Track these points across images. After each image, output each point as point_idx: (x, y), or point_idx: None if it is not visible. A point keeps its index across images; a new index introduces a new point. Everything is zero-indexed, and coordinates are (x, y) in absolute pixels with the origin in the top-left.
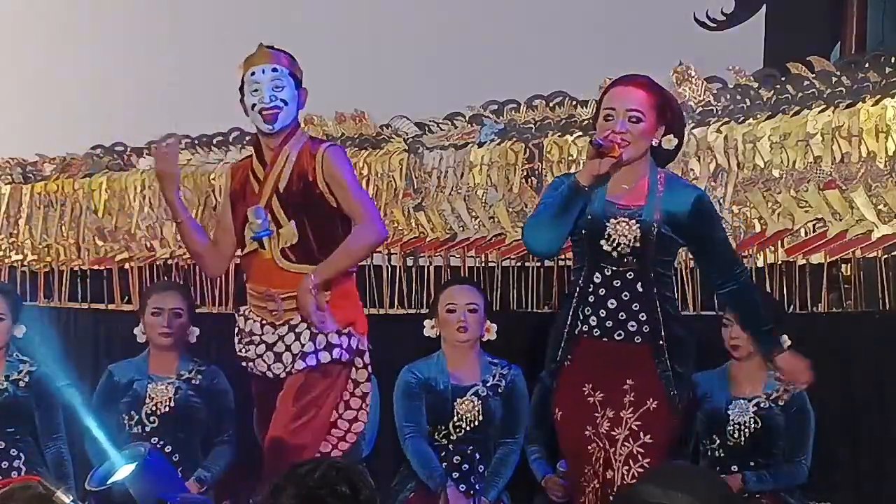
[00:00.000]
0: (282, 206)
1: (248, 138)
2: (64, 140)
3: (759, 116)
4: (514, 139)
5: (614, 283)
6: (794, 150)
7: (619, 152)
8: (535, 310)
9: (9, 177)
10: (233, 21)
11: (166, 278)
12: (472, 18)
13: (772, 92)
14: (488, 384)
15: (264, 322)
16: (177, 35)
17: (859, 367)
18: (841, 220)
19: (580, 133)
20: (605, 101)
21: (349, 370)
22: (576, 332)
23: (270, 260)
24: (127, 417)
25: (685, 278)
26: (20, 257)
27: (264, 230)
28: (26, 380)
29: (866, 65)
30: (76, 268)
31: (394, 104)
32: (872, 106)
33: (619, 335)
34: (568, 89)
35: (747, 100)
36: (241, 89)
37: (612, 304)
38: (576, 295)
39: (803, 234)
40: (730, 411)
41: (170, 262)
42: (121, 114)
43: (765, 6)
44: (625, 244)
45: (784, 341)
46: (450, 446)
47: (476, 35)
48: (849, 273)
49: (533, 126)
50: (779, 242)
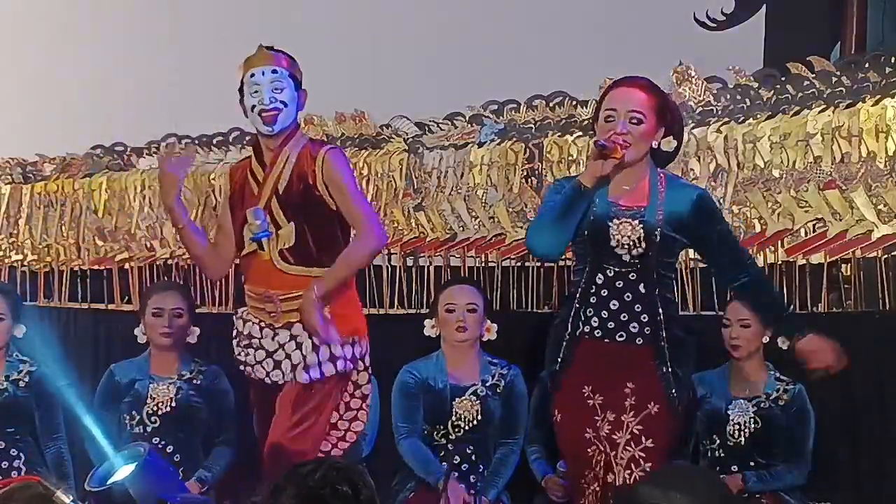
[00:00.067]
0: (281, 208)
1: (248, 139)
2: (64, 140)
3: (759, 116)
4: (514, 139)
5: (616, 283)
6: (794, 150)
7: (621, 153)
8: (535, 310)
9: (9, 177)
10: (233, 21)
11: (166, 278)
12: (472, 18)
13: (772, 92)
14: (487, 384)
15: (263, 325)
16: (177, 35)
17: (859, 367)
18: (841, 220)
19: (580, 133)
20: (606, 101)
21: (350, 375)
22: (577, 334)
23: (269, 261)
24: (128, 417)
25: (685, 278)
26: (20, 257)
27: (263, 231)
28: (26, 380)
29: (866, 65)
30: (76, 268)
31: (394, 104)
32: (872, 106)
33: (621, 336)
34: (568, 89)
35: (747, 100)
36: (240, 90)
37: (614, 304)
38: (577, 296)
39: (803, 234)
40: (730, 411)
41: (170, 262)
42: (121, 114)
43: (765, 6)
44: (628, 245)
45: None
46: (449, 446)
47: (476, 35)
48: (849, 273)
49: (533, 126)
50: (779, 242)
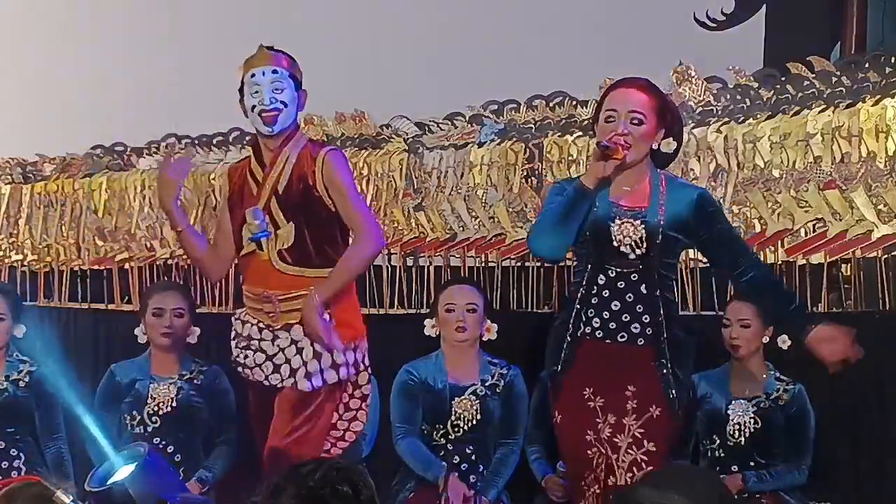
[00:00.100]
0: (280, 208)
1: (247, 139)
2: (64, 140)
3: (759, 116)
4: (514, 139)
5: (618, 284)
6: (794, 150)
7: (622, 154)
8: (535, 310)
9: (9, 177)
10: (233, 21)
11: (166, 278)
12: (472, 18)
13: (772, 92)
14: (487, 384)
15: (262, 326)
16: (177, 35)
17: (859, 367)
18: (841, 220)
19: (580, 133)
20: (607, 102)
21: (350, 376)
22: (578, 334)
23: (267, 261)
24: (129, 417)
25: (685, 278)
26: (20, 257)
27: (262, 231)
28: (26, 380)
29: (866, 65)
30: (76, 268)
31: (394, 104)
32: (872, 106)
33: (623, 337)
34: (568, 89)
35: (747, 100)
36: (240, 90)
37: (615, 305)
38: (578, 297)
39: (803, 234)
40: (730, 411)
41: (170, 262)
42: (121, 114)
43: (765, 6)
44: (630, 245)
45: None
46: (448, 446)
47: (476, 35)
48: (849, 273)
49: (533, 126)
50: (779, 242)
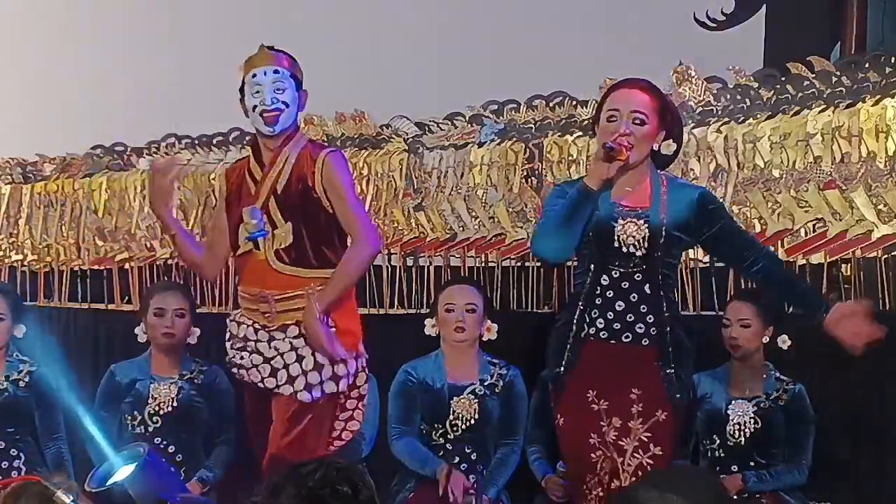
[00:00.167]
0: (278, 208)
1: (247, 138)
2: (64, 140)
3: (759, 116)
4: (514, 139)
5: (622, 284)
6: (794, 150)
7: (626, 155)
8: (535, 310)
9: (9, 177)
10: (233, 21)
11: (166, 278)
12: (472, 18)
13: (772, 92)
14: (486, 383)
15: (257, 326)
16: (177, 35)
17: (859, 367)
18: (841, 220)
19: (580, 133)
20: (609, 102)
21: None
22: (582, 335)
23: (264, 261)
24: (130, 418)
25: (685, 278)
26: (20, 257)
27: (259, 230)
28: (26, 380)
29: (866, 65)
30: (76, 268)
31: (394, 104)
32: (872, 106)
33: (627, 337)
34: (568, 89)
35: (747, 100)
36: (241, 90)
37: (619, 305)
38: (582, 298)
39: (803, 234)
40: (730, 411)
41: (170, 262)
42: (121, 114)
43: (765, 6)
44: (634, 245)
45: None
46: (447, 446)
47: (476, 35)
48: (849, 273)
49: (533, 126)
50: (779, 242)
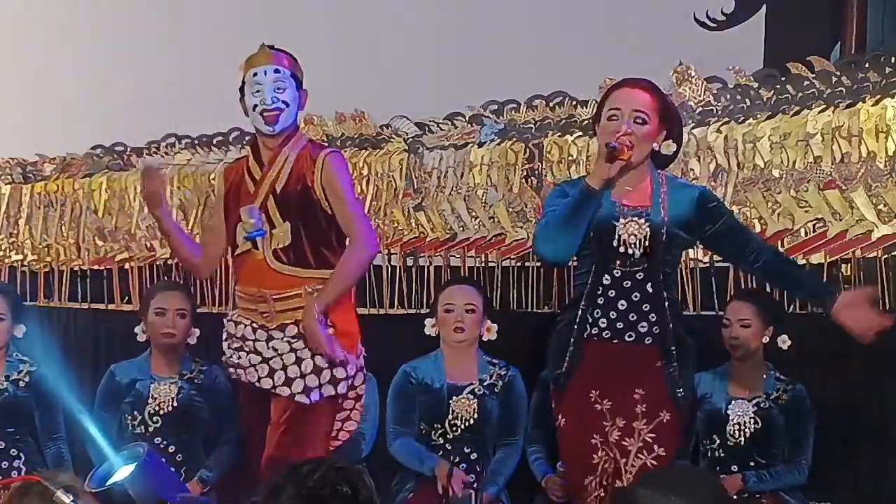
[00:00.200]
0: (277, 207)
1: (247, 138)
2: (64, 140)
3: (759, 116)
4: (514, 139)
5: (624, 284)
6: (794, 150)
7: (629, 155)
8: (535, 310)
9: (9, 177)
10: (233, 21)
11: (166, 278)
12: (472, 18)
13: (772, 92)
14: (485, 383)
15: (255, 326)
16: (177, 35)
17: (859, 367)
18: (841, 220)
19: (580, 133)
20: (610, 101)
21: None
22: (584, 335)
23: (262, 261)
24: (130, 417)
25: (685, 278)
26: (20, 257)
27: (258, 230)
28: (26, 380)
29: (866, 65)
30: (76, 268)
31: (394, 104)
32: (872, 106)
33: (630, 336)
34: (568, 89)
35: (747, 100)
36: (241, 89)
37: (622, 305)
38: (583, 297)
39: (803, 234)
40: (730, 411)
41: (170, 262)
42: (121, 114)
43: (765, 6)
44: (635, 244)
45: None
46: (447, 445)
47: (476, 35)
48: (849, 273)
49: (533, 126)
50: (779, 242)
